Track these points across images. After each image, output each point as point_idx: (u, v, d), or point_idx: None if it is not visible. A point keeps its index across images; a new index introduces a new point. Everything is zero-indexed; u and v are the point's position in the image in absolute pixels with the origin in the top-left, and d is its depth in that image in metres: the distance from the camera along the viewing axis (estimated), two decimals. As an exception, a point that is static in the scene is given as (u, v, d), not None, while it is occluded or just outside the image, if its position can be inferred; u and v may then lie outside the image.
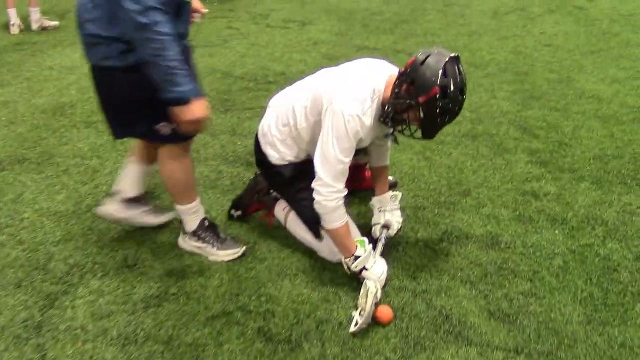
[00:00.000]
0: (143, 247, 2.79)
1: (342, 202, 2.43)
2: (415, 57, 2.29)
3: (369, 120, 2.35)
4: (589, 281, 2.57)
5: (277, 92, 2.80)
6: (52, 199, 3.16)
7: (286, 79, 4.94)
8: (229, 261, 2.68)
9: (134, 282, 2.56)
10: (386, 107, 2.37)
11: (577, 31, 6.32)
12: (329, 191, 2.39)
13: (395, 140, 2.53)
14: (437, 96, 2.20)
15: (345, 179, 2.43)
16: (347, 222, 2.47)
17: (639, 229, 2.93)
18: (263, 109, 4.25)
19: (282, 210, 2.84)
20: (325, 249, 2.64)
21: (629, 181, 3.36)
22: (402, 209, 2.89)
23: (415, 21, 6.72)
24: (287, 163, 2.64)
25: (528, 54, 5.59)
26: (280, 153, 2.63)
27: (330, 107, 2.35)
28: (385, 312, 2.32)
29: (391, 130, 2.47)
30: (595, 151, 3.71)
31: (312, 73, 2.69)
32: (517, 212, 3.07)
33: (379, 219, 2.83)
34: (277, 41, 6.03)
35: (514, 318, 2.36)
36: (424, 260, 2.70)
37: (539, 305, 2.43)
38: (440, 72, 2.19)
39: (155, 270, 2.63)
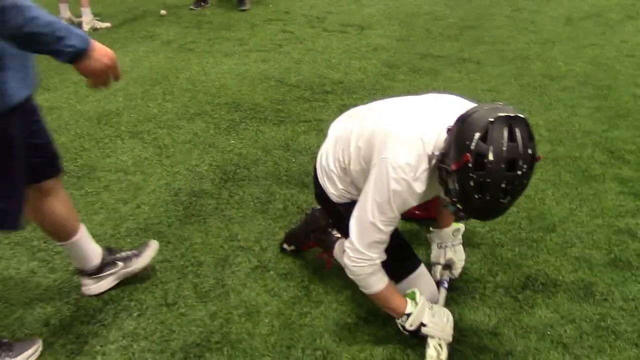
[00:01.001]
0: (185, 281, 2.49)
1: (375, 267, 2.03)
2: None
3: (421, 186, 1.90)
4: None
5: (340, 114, 2.41)
6: (90, 220, 2.89)
7: (344, 89, 4.61)
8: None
9: (172, 325, 2.26)
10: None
11: (662, 40, 5.78)
12: (359, 258, 2.00)
13: (456, 213, 1.98)
14: (469, 165, 1.71)
15: (385, 247, 2.02)
16: (387, 282, 2.07)
17: None
18: (319, 123, 3.95)
19: (342, 253, 2.47)
20: None
21: None
22: (476, 246, 2.53)
23: (481, 27, 6.28)
24: (348, 201, 2.25)
25: (609, 66, 5.10)
26: (338, 190, 2.24)
27: (378, 161, 1.94)
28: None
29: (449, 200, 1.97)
30: (696, 181, 3.25)
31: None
32: (612, 255, 2.65)
33: (438, 257, 2.45)
34: (334, 46, 5.69)
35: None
36: (506, 312, 2.32)
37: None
38: (478, 134, 1.69)
39: (197, 311, 2.33)
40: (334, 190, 2.25)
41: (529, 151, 1.71)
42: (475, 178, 1.71)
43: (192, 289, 2.44)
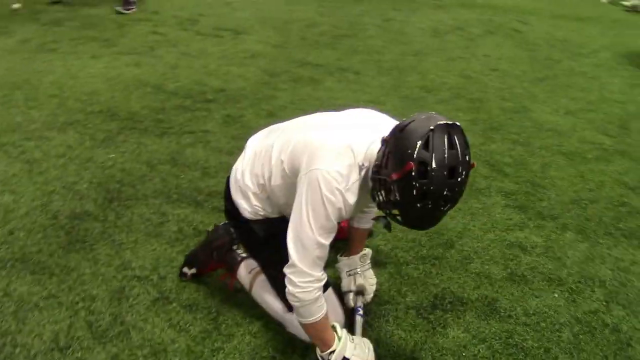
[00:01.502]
0: (78, 320, 2.23)
1: (321, 291, 1.94)
2: (402, 120, 1.81)
3: (352, 197, 1.86)
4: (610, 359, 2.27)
5: (262, 129, 2.29)
6: (-47, 251, 2.52)
7: (226, 97, 4.45)
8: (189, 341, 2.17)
9: (67, 373, 2.01)
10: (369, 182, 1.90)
11: (520, 56, 6.19)
12: (305, 281, 1.90)
13: (388, 226, 1.94)
14: (412, 174, 1.67)
15: (324, 263, 1.95)
16: (326, 312, 1.99)
17: (639, 290, 2.67)
18: (205, 134, 3.77)
19: (247, 274, 2.34)
20: (296, 323, 2.18)
21: (613, 231, 3.12)
22: (382, 266, 2.51)
23: (355, 36, 6.37)
24: (261, 218, 2.16)
25: (477, 79, 5.37)
26: (252, 207, 2.14)
27: (308, 173, 1.86)
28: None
29: (381, 214, 1.94)
30: (569, 194, 3.47)
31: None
32: (508, 270, 2.74)
33: (350, 284, 2.41)
34: (210, 51, 5.50)
35: (536, 413, 2.02)
36: (420, 334, 2.31)
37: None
38: (420, 142, 1.66)
39: (95, 354, 2.09)
40: (248, 207, 2.14)
41: (467, 158, 1.71)
42: (418, 186, 1.67)
43: (86, 329, 2.19)
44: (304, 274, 1.89)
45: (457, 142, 1.69)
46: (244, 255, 2.41)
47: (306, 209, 1.86)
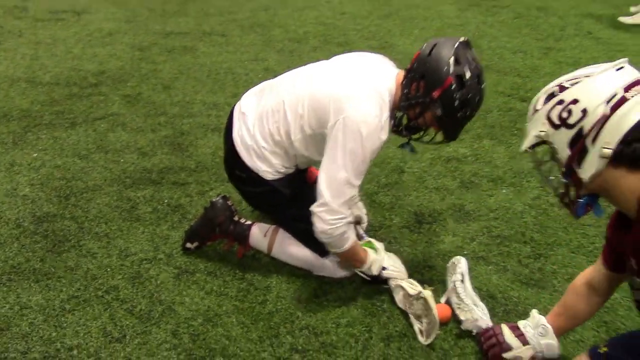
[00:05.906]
0: (115, 310, 2.20)
1: (347, 226, 2.14)
2: (420, 49, 2.07)
3: (385, 135, 2.09)
4: (569, 229, 2.73)
5: (245, 94, 2.39)
6: None
7: (112, 79, 4.31)
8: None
9: None
10: (396, 114, 2.17)
11: (358, -2, 6.58)
12: (335, 218, 2.09)
13: (412, 149, 2.29)
14: (453, 86, 1.97)
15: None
16: (354, 239, 2.21)
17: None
18: (117, 117, 3.66)
19: (263, 237, 2.44)
20: (329, 265, 2.37)
21: (515, 132, 3.63)
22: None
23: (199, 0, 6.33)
24: (282, 176, 2.27)
25: (333, 24, 5.66)
26: (273, 166, 2.25)
27: (341, 120, 2.03)
28: (444, 310, 2.19)
29: (406, 140, 2.25)
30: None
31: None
32: (458, 180, 3.12)
33: None
34: (62, 36, 5.17)
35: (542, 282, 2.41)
36: (423, 246, 2.61)
37: (558, 266, 2.50)
38: (452, 59, 1.96)
39: (154, 334, 2.09)
40: (268, 167, 2.25)
41: (481, 67, 2.03)
42: (459, 97, 1.98)
43: (130, 316, 2.17)
44: (335, 212, 2.08)
45: (475, 54, 2.03)
46: (249, 222, 2.50)
47: (342, 153, 2.04)
